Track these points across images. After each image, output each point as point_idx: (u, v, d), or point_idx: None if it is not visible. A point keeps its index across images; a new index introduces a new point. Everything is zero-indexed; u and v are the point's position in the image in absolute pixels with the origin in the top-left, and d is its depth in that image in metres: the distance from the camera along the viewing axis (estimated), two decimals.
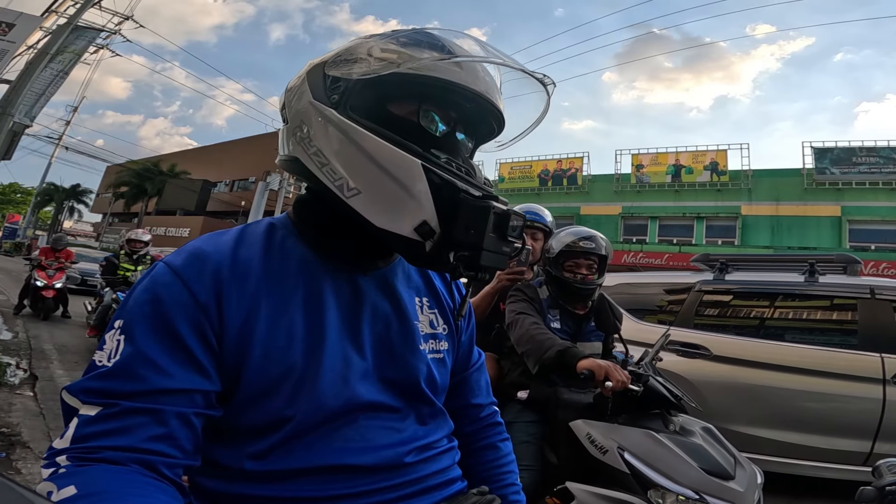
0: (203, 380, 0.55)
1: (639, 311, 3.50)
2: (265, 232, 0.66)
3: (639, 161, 18.45)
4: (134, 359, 0.52)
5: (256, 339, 0.58)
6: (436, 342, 0.73)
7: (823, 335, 3.08)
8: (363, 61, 0.61)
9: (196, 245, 0.61)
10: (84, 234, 37.89)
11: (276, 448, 0.58)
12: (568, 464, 1.63)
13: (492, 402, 0.87)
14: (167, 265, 0.58)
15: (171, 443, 0.51)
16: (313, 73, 0.65)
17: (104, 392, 0.51)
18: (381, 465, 0.62)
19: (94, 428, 0.49)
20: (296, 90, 0.66)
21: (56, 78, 8.02)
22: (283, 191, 16.67)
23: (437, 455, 0.69)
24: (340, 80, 0.62)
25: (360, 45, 0.63)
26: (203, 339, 0.55)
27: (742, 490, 1.42)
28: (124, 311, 0.57)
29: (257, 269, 0.61)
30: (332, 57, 0.64)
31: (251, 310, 0.58)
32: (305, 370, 0.59)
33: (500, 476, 0.80)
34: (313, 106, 0.62)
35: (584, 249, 1.88)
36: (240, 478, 0.58)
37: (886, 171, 14.86)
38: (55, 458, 0.49)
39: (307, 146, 0.62)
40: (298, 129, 0.63)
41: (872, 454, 2.60)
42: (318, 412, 0.59)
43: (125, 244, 6.32)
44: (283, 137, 0.68)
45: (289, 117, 0.66)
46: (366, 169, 0.58)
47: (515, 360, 1.87)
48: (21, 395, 3.71)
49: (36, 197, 32.78)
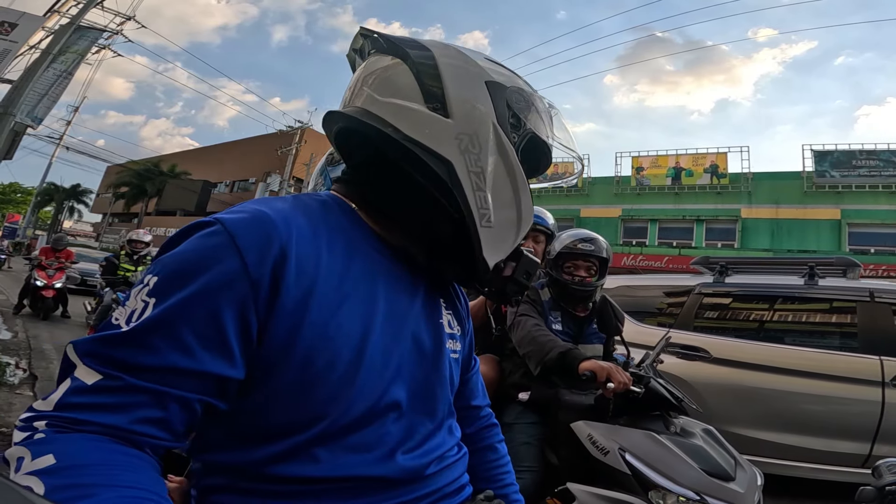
0: (227, 365, 0.49)
1: (639, 314, 3.51)
2: (320, 206, 0.62)
3: (639, 163, 18.46)
4: (156, 326, 0.46)
5: (308, 324, 0.52)
6: (453, 342, 0.73)
7: (823, 338, 3.08)
8: (535, 117, 0.68)
9: (257, 207, 0.54)
10: (84, 235, 37.85)
11: (301, 449, 0.53)
12: (569, 465, 1.63)
13: (487, 405, 0.88)
14: (224, 225, 0.50)
15: (162, 426, 0.47)
16: (496, 89, 0.63)
17: (111, 360, 0.46)
18: (405, 477, 0.60)
19: (86, 398, 0.44)
20: (469, 89, 0.62)
21: (60, 78, 8.03)
22: (283, 192, 16.68)
23: (452, 464, 0.68)
24: (517, 119, 0.65)
25: (533, 96, 0.69)
26: (242, 320, 0.49)
27: (742, 491, 1.43)
28: (161, 268, 0.50)
29: (318, 244, 0.55)
30: (511, 85, 0.66)
31: (308, 291, 0.53)
32: (351, 365, 0.55)
33: (499, 477, 0.81)
34: (496, 131, 0.62)
35: (584, 251, 1.89)
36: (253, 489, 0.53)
37: (886, 175, 14.87)
38: (33, 422, 0.44)
39: (471, 161, 0.60)
40: (468, 137, 0.60)
41: (871, 456, 2.60)
42: (353, 410, 0.56)
43: (126, 244, 6.32)
44: (425, 122, 0.60)
45: (454, 113, 0.60)
46: (509, 213, 0.64)
47: (517, 361, 1.88)
48: (21, 394, 3.71)
49: (36, 197, 32.72)
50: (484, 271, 0.65)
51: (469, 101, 0.61)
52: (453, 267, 0.68)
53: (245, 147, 30.15)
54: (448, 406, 0.70)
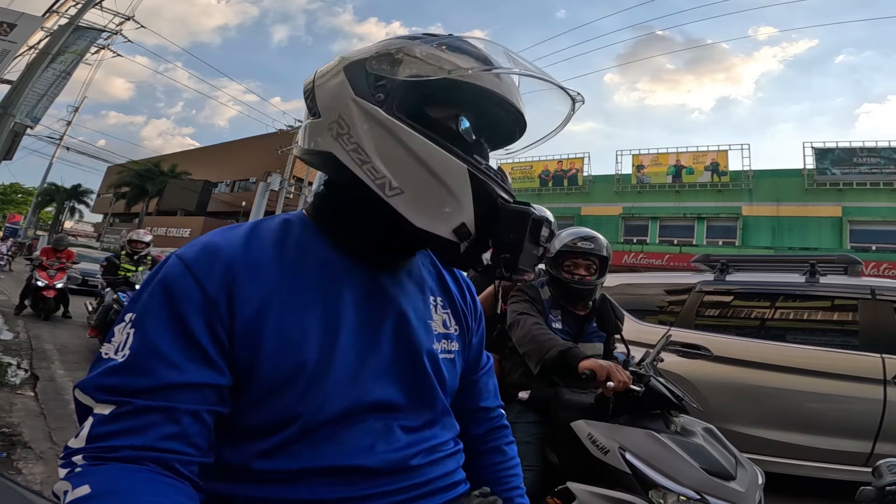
0: (214, 374, 0.55)
1: (639, 312, 3.50)
2: (280, 227, 0.66)
3: (639, 161, 18.45)
4: (144, 352, 0.52)
5: (269, 334, 0.57)
6: (448, 342, 0.73)
7: (824, 336, 3.07)
8: (411, 63, 0.62)
9: (209, 238, 0.61)
10: (85, 235, 37.91)
11: (282, 447, 0.58)
12: (569, 464, 1.63)
13: (499, 406, 0.88)
14: (179, 258, 0.58)
15: (184, 441, 0.52)
16: (353, 68, 0.63)
17: (116, 389, 0.51)
18: (387, 467, 0.61)
19: (109, 427, 0.50)
20: (329, 84, 0.65)
21: (59, 79, 8.03)
22: (283, 191, 16.70)
23: (444, 458, 0.68)
24: (384, 80, 0.62)
25: (404, 46, 0.63)
26: (213, 334, 0.55)
27: (743, 490, 1.42)
28: (136, 305, 0.56)
29: (271, 264, 0.61)
30: (374, 54, 0.63)
31: (264, 305, 0.58)
32: (318, 367, 0.59)
33: (506, 479, 0.80)
34: (356, 103, 0.61)
35: (583, 250, 1.88)
36: (245, 478, 0.57)
37: (887, 172, 14.85)
38: (71, 457, 0.49)
39: (345, 142, 0.61)
40: (336, 124, 0.62)
41: (873, 455, 2.60)
42: (328, 410, 0.59)
43: (127, 245, 6.32)
44: (309, 131, 0.66)
45: (321, 111, 0.64)
46: (411, 170, 0.59)
47: (517, 360, 1.87)
48: (22, 395, 3.71)
49: (37, 197, 32.74)
50: (442, 243, 0.60)
51: (327, 93, 0.65)
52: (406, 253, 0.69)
53: (246, 147, 30.14)
54: (440, 404, 0.70)
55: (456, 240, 0.60)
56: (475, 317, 0.83)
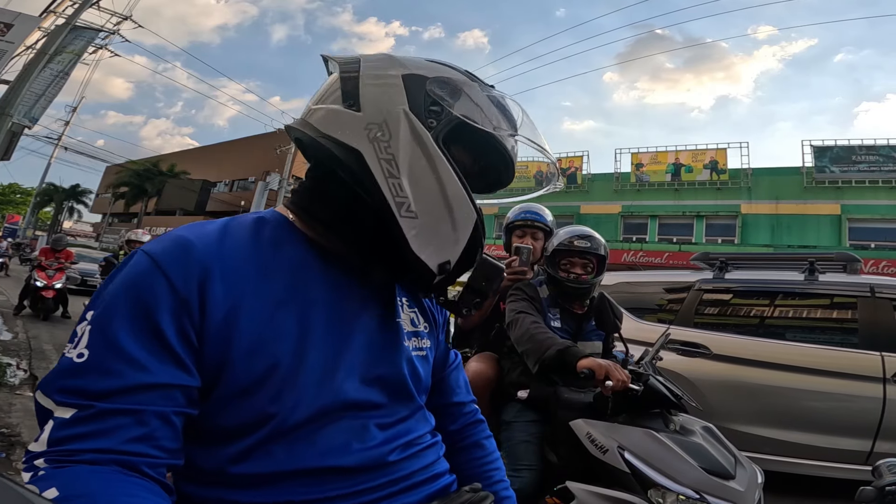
0: (182, 374, 0.53)
1: (639, 310, 3.50)
2: (252, 224, 0.65)
3: (638, 160, 18.43)
4: (107, 352, 0.50)
5: (241, 333, 0.55)
6: (418, 340, 0.74)
7: (823, 334, 3.07)
8: (467, 104, 0.64)
9: (178, 233, 0.58)
10: (84, 235, 37.83)
11: (256, 448, 0.56)
12: (568, 463, 1.62)
13: (472, 401, 0.88)
14: (146, 253, 0.55)
15: (151, 443, 0.50)
16: (412, 81, 0.63)
17: (77, 391, 0.49)
18: (365, 465, 0.61)
19: (70, 431, 0.47)
20: (383, 84, 0.63)
21: (56, 79, 8.00)
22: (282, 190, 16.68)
23: (422, 451, 0.68)
24: (440, 107, 0.63)
25: (465, 83, 0.66)
26: (182, 333, 0.53)
27: (742, 489, 1.42)
28: (98, 302, 0.54)
29: (246, 262, 0.59)
30: (437, 77, 0.64)
31: (236, 303, 0.56)
32: (291, 366, 0.58)
33: (488, 473, 0.80)
34: (408, 117, 0.61)
35: (580, 248, 1.88)
36: (219, 482, 0.56)
37: (886, 170, 14.85)
38: (33, 461, 0.47)
39: (381, 149, 0.60)
40: (377, 126, 0.61)
41: (873, 453, 2.59)
42: (302, 410, 0.58)
43: (125, 245, 6.32)
44: (336, 118, 0.63)
45: (363, 106, 0.62)
46: (433, 201, 0.61)
47: (515, 359, 1.87)
48: (21, 395, 3.70)
49: (35, 197, 32.75)
50: (424, 272, 0.62)
51: (378, 93, 0.63)
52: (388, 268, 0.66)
53: (244, 146, 30.09)
54: (414, 401, 0.71)
55: (436, 273, 0.63)
56: (440, 313, 0.84)
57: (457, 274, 0.65)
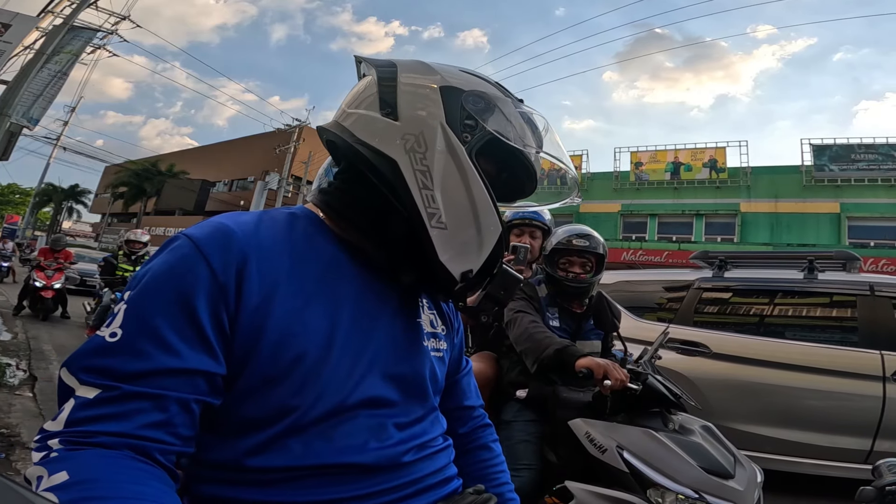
0: (211, 361, 0.53)
1: (638, 309, 3.50)
2: (286, 218, 0.66)
3: (638, 159, 18.43)
4: (141, 333, 0.50)
5: (272, 323, 0.56)
6: (436, 341, 0.75)
7: (823, 332, 3.07)
8: (500, 119, 0.66)
9: (219, 220, 0.59)
10: (83, 235, 37.77)
11: (274, 442, 0.56)
12: (567, 463, 1.62)
13: (481, 405, 0.90)
14: (188, 237, 0.56)
15: (167, 430, 0.50)
16: (449, 94, 0.65)
17: (105, 371, 0.49)
18: (380, 464, 0.61)
19: (91, 412, 0.47)
20: (422, 95, 0.65)
21: (55, 79, 7.98)
22: (282, 190, 16.68)
23: (434, 454, 0.69)
24: (474, 121, 0.64)
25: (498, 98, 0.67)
26: (216, 319, 0.53)
27: (742, 489, 1.42)
28: (137, 283, 0.54)
29: (280, 252, 0.60)
30: (472, 91, 0.66)
31: (270, 293, 0.57)
32: (317, 359, 0.58)
33: (494, 476, 0.81)
34: (444, 131, 0.63)
35: (578, 247, 1.87)
36: (235, 480, 0.56)
37: (885, 168, 14.85)
38: (47, 440, 0.47)
39: (416, 160, 0.62)
40: (414, 137, 0.62)
41: (873, 452, 2.59)
42: (323, 404, 0.58)
43: (124, 245, 6.32)
44: (374, 125, 0.64)
45: (401, 116, 0.64)
46: (463, 215, 0.63)
47: (514, 358, 1.87)
48: (20, 395, 3.70)
49: (34, 197, 32.70)
50: (447, 279, 0.64)
51: (417, 103, 0.64)
52: (414, 272, 0.66)
53: (243, 146, 30.08)
54: (430, 401, 0.71)
55: (458, 280, 0.64)
56: (456, 317, 0.86)
57: (478, 282, 0.67)
